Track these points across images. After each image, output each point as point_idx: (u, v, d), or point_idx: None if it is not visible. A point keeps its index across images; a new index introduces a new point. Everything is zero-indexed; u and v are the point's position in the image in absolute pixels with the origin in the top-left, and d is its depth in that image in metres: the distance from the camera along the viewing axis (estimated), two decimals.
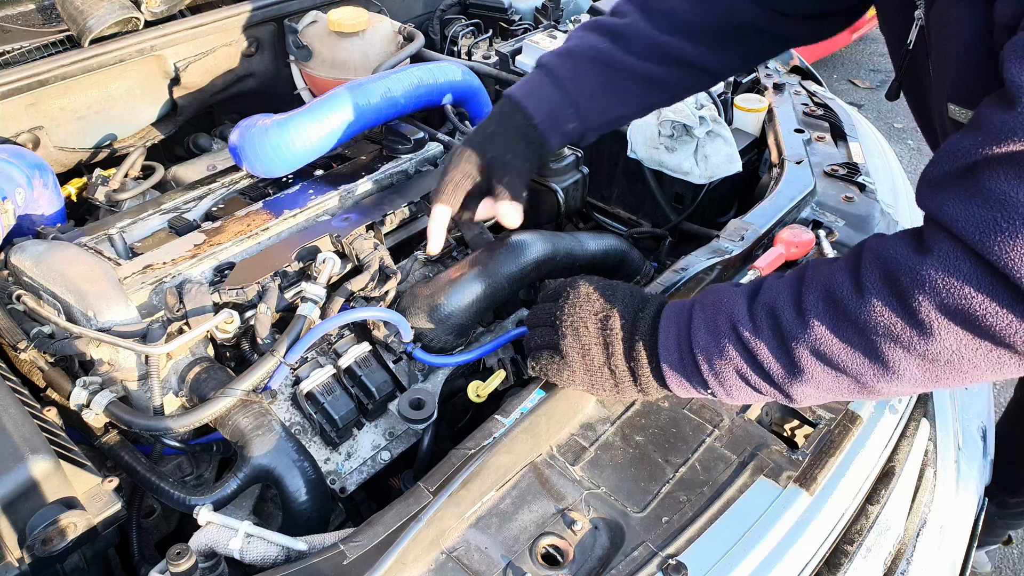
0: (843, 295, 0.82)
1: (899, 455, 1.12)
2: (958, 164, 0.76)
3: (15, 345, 1.08)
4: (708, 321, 0.93)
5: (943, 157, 0.78)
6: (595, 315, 0.99)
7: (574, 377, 1.01)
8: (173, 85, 1.79)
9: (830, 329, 0.83)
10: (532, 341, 1.05)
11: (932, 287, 0.75)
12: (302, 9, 1.91)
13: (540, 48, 1.91)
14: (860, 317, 0.80)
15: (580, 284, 1.03)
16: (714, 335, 0.92)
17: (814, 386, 0.87)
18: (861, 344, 0.82)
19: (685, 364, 0.94)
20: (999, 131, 0.71)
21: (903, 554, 1.07)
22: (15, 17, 1.69)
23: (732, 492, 0.95)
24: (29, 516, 0.83)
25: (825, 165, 1.54)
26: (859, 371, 0.83)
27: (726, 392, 0.94)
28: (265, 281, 1.20)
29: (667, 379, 0.96)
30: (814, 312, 0.84)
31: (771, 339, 0.88)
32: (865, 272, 0.81)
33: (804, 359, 0.85)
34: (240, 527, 0.89)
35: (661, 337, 0.96)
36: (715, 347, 0.91)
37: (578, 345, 0.99)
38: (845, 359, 0.83)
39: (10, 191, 1.26)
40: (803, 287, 0.87)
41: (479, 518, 0.91)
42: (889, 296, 0.78)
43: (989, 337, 0.74)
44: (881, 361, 0.81)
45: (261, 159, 1.36)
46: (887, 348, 0.80)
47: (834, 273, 0.85)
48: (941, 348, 0.77)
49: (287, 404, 1.15)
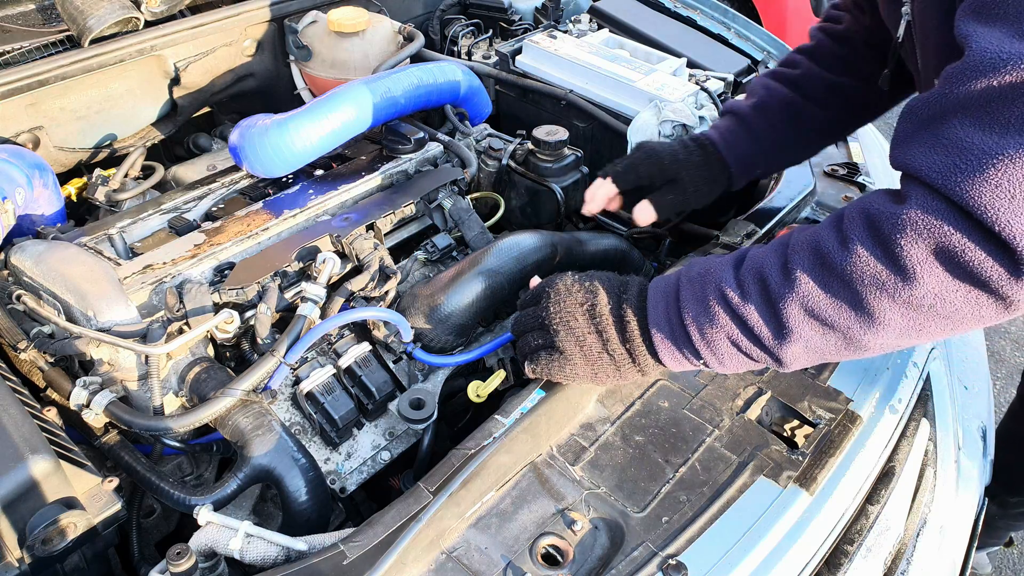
0: (828, 249, 0.86)
1: (899, 455, 1.12)
2: (921, 119, 0.81)
3: (15, 345, 1.08)
4: (696, 291, 0.95)
5: (907, 116, 0.84)
6: (581, 306, 1.01)
7: (576, 370, 1.01)
8: (173, 85, 1.79)
9: (817, 284, 0.86)
10: (526, 346, 1.06)
11: (912, 229, 0.78)
12: (302, 9, 1.91)
13: (540, 48, 1.92)
14: (845, 268, 0.83)
15: (558, 281, 1.05)
16: (703, 304, 0.94)
17: (803, 346, 0.89)
18: (847, 296, 0.84)
19: (676, 336, 0.96)
20: (951, 80, 0.78)
21: (903, 554, 1.07)
22: (15, 17, 1.69)
23: (732, 492, 0.95)
24: (29, 516, 0.83)
25: (825, 165, 1.55)
26: (846, 324, 0.85)
27: (718, 360, 0.95)
28: (265, 281, 1.20)
29: (660, 353, 0.98)
30: (800, 269, 0.87)
31: (759, 302, 0.90)
32: (848, 225, 0.85)
33: (792, 318, 0.87)
34: (240, 527, 0.89)
35: (651, 313, 0.98)
36: (705, 316, 0.94)
37: (573, 338, 1.01)
38: (832, 313, 0.85)
39: (10, 191, 1.26)
40: (789, 250, 0.90)
41: (479, 518, 0.91)
42: (872, 244, 0.82)
43: (967, 277, 0.77)
44: (866, 311, 0.83)
45: (261, 159, 1.36)
46: (872, 297, 0.82)
47: (818, 231, 0.89)
48: (924, 292, 0.79)
49: (287, 404, 1.15)
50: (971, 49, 0.77)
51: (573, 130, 1.73)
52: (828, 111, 1.33)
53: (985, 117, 0.75)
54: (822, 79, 1.32)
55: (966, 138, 0.75)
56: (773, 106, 1.32)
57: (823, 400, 1.09)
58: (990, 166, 0.73)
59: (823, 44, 1.35)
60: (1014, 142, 0.72)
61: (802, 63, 1.34)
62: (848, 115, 1.37)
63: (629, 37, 2.06)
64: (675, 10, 2.22)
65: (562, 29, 2.03)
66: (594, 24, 2.09)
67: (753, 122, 1.31)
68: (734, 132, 1.31)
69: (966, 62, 0.77)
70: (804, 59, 1.35)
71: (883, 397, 1.13)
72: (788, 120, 1.32)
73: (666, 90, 1.71)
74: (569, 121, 1.79)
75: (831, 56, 1.33)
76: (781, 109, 1.32)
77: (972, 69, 0.76)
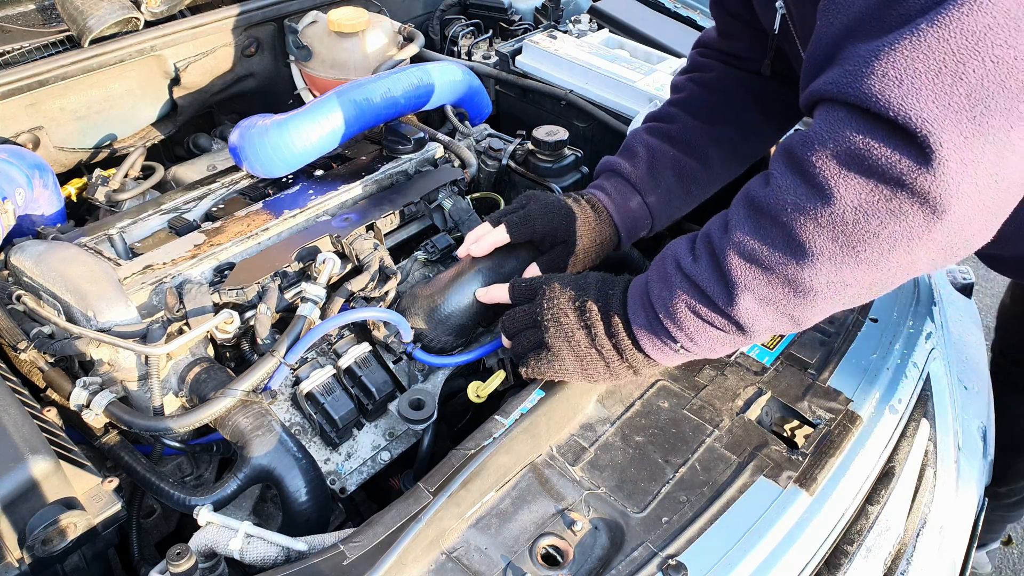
0: (755, 190, 0.88)
1: (899, 455, 1.12)
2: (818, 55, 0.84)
3: (15, 345, 1.08)
4: (659, 270, 0.98)
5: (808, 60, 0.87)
6: (572, 303, 1.03)
7: (565, 366, 1.02)
8: (173, 85, 1.79)
9: (749, 228, 0.87)
10: (519, 346, 1.07)
11: (819, 143, 0.79)
12: (302, 9, 1.91)
13: (540, 48, 1.91)
14: (769, 203, 0.85)
15: (554, 281, 1.07)
16: (664, 280, 0.96)
17: (752, 297, 0.88)
18: (776, 232, 0.84)
19: (650, 320, 0.98)
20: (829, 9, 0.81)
21: (903, 554, 1.07)
22: (15, 17, 1.69)
23: (732, 492, 0.95)
24: (29, 516, 0.83)
25: None
26: (782, 262, 0.85)
27: (687, 336, 0.95)
28: (265, 281, 1.20)
29: (641, 342, 0.99)
30: (735, 219, 0.89)
31: (707, 262, 0.92)
32: (772, 164, 0.87)
33: (733, 268, 0.88)
34: (240, 527, 0.89)
35: (629, 303, 1.00)
36: (666, 288, 0.95)
37: (562, 334, 1.02)
38: (767, 254, 0.85)
39: (10, 191, 1.26)
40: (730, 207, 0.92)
41: (479, 518, 0.91)
42: (789, 171, 0.83)
43: (880, 179, 0.76)
44: (797, 243, 0.83)
45: (261, 159, 1.36)
46: (797, 226, 0.82)
47: (751, 181, 0.91)
48: (843, 207, 0.78)
49: (287, 404, 1.15)
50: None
51: (573, 130, 1.73)
52: (711, 164, 1.32)
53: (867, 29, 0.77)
54: (701, 132, 1.31)
55: (854, 51, 0.77)
56: (657, 166, 1.29)
57: (823, 400, 1.09)
58: (874, 60, 0.74)
59: (695, 95, 1.34)
60: (893, 36, 0.73)
61: (678, 117, 1.32)
62: (730, 164, 1.37)
63: (629, 37, 2.06)
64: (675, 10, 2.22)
65: (562, 29, 2.03)
66: (594, 24, 2.09)
67: (639, 184, 1.29)
68: (623, 195, 1.28)
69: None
70: (680, 112, 1.33)
71: (883, 397, 1.13)
72: (673, 178, 1.30)
73: (666, 90, 1.71)
74: (569, 121, 1.79)
75: (706, 107, 1.32)
76: (665, 168, 1.30)
77: None
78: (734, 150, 1.35)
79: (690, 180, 1.32)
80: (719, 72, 1.34)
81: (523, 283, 1.11)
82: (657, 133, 1.32)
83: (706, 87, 1.34)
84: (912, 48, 0.72)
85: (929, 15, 0.71)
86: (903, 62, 0.72)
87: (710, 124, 1.31)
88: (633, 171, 1.29)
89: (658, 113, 1.37)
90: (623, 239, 1.29)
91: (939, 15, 0.70)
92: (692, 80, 1.36)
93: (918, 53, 0.71)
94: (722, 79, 1.34)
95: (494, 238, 1.22)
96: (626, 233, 1.28)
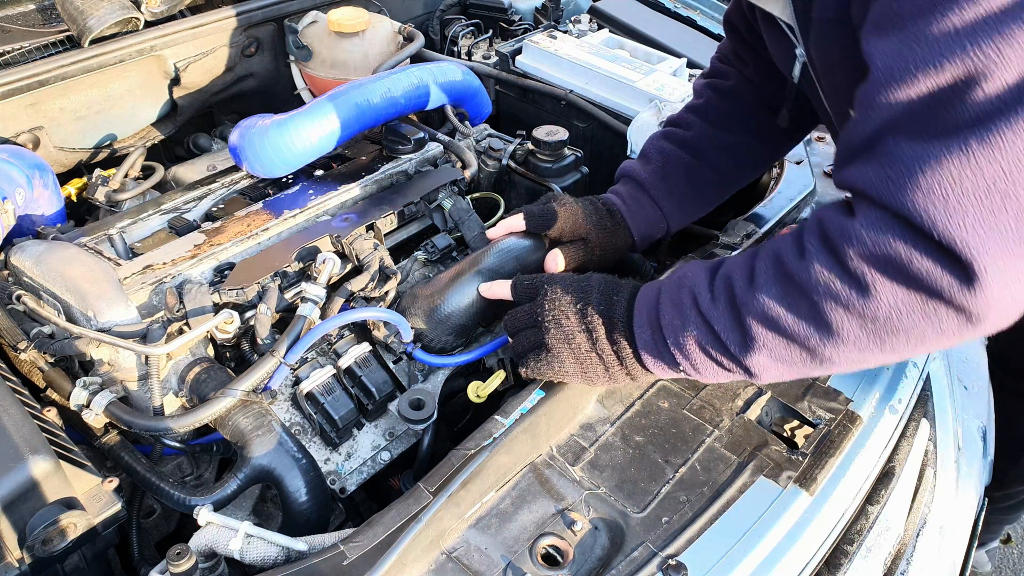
0: (788, 259, 0.86)
1: (899, 455, 1.12)
2: (854, 144, 0.82)
3: (15, 345, 1.08)
4: (673, 296, 0.96)
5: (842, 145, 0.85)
6: (574, 305, 1.02)
7: (564, 368, 1.02)
8: (173, 85, 1.79)
9: (777, 293, 0.86)
10: (519, 345, 1.07)
11: (860, 241, 0.78)
12: (302, 9, 1.91)
13: (540, 48, 1.92)
14: (802, 278, 0.84)
15: (556, 280, 1.06)
16: (678, 309, 0.95)
17: (767, 355, 0.89)
18: (805, 307, 0.84)
19: (656, 341, 0.97)
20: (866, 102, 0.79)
21: (903, 554, 1.07)
22: (15, 17, 1.69)
23: (732, 492, 0.95)
24: (29, 516, 0.83)
25: (825, 165, 1.55)
26: (805, 335, 0.85)
27: (693, 367, 0.95)
28: (265, 281, 1.20)
29: (644, 359, 0.99)
30: (763, 277, 0.88)
31: (726, 308, 0.91)
32: (807, 236, 0.86)
33: (755, 326, 0.88)
34: (240, 527, 0.89)
35: (635, 317, 0.99)
36: (679, 321, 0.94)
37: (562, 336, 1.02)
38: (791, 324, 0.85)
39: (10, 191, 1.26)
40: (756, 258, 0.91)
41: (479, 518, 0.91)
42: (827, 255, 0.82)
43: (920, 288, 0.76)
44: (824, 323, 0.83)
45: (261, 159, 1.36)
46: (829, 308, 0.82)
47: (781, 240, 0.90)
48: (878, 304, 0.78)
49: (287, 404, 1.15)
50: (875, 67, 0.77)
51: (573, 130, 1.73)
52: (724, 171, 1.33)
53: (910, 127, 0.75)
54: (715, 139, 1.32)
55: (896, 149, 0.75)
56: (671, 171, 1.31)
57: (823, 400, 1.09)
58: (919, 172, 0.72)
59: (712, 102, 1.35)
60: (938, 146, 0.71)
61: (694, 123, 1.33)
62: (744, 171, 1.38)
63: (629, 37, 2.06)
64: (675, 10, 2.22)
65: (562, 29, 2.03)
66: (594, 24, 2.09)
67: (653, 190, 1.30)
68: (637, 200, 1.30)
69: (873, 80, 0.77)
70: (696, 119, 1.34)
71: (883, 397, 1.13)
72: (687, 184, 1.31)
73: (666, 90, 1.71)
74: (569, 121, 1.79)
75: (722, 114, 1.33)
76: (678, 174, 1.31)
77: (882, 85, 0.76)
78: (748, 158, 1.35)
79: (704, 186, 1.33)
80: (736, 80, 1.34)
81: (525, 281, 1.10)
82: (672, 139, 1.33)
83: (723, 94, 1.34)
84: (960, 165, 0.70)
85: (978, 131, 0.69)
86: (950, 179, 0.70)
87: (725, 131, 1.32)
88: (648, 177, 1.31)
89: (676, 118, 1.38)
90: (637, 243, 1.30)
91: (990, 132, 0.68)
92: (710, 86, 1.37)
93: (967, 171, 0.70)
94: (738, 87, 1.34)
95: (510, 223, 1.26)
96: (640, 238, 1.30)
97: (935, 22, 0.71)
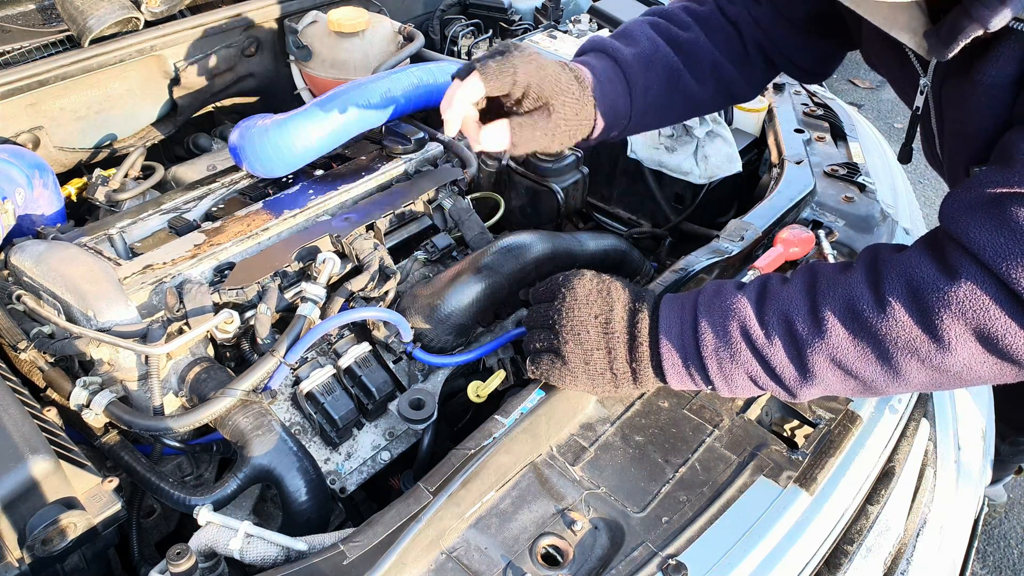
0: (863, 306, 0.86)
1: (899, 455, 1.12)
2: (986, 194, 0.82)
3: (15, 345, 1.08)
4: (716, 325, 0.95)
5: (973, 184, 0.84)
6: (595, 318, 1.00)
7: (576, 382, 1.01)
8: (173, 85, 1.79)
9: (848, 337, 0.87)
10: (532, 344, 1.05)
11: (959, 307, 0.80)
12: (302, 9, 1.91)
13: (540, 48, 1.91)
14: (880, 328, 0.85)
15: (576, 284, 1.02)
16: (725, 340, 0.95)
17: (821, 387, 0.93)
18: (877, 353, 0.86)
19: (689, 364, 0.97)
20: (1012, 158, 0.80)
21: (903, 554, 1.07)
22: (15, 17, 1.69)
23: (732, 492, 0.95)
24: (29, 516, 0.83)
25: (825, 165, 1.54)
26: (871, 376, 0.88)
27: (729, 389, 0.97)
28: (265, 281, 1.20)
29: (667, 374, 0.99)
30: (832, 320, 0.88)
31: (786, 345, 0.91)
32: (888, 287, 0.86)
33: (818, 365, 0.90)
34: (240, 527, 0.89)
35: (664, 334, 0.98)
36: (727, 351, 0.94)
37: (580, 351, 1.00)
38: (859, 366, 0.88)
39: (10, 191, 1.26)
40: (817, 297, 0.91)
41: (479, 518, 0.91)
42: (913, 310, 0.83)
43: (1001, 355, 0.80)
44: (894, 369, 0.86)
45: (261, 159, 1.36)
46: (902, 358, 0.85)
47: (853, 286, 0.89)
48: (954, 361, 0.82)
49: (287, 404, 1.15)
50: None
51: None
52: (704, 87, 1.23)
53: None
54: (708, 53, 1.22)
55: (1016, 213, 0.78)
56: (655, 65, 1.17)
57: (823, 400, 1.09)
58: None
59: (715, 18, 1.24)
60: None
61: (692, 27, 1.22)
62: (719, 98, 1.30)
63: None
64: None
65: (562, 29, 2.03)
66: (594, 24, 2.09)
67: (632, 76, 1.15)
68: (611, 80, 1.13)
69: None
70: (695, 24, 1.22)
71: (883, 397, 1.12)
72: (666, 85, 1.19)
73: None
74: None
75: (721, 33, 1.23)
76: (662, 70, 1.18)
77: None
78: (727, 86, 1.28)
79: (680, 96, 1.22)
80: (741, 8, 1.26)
81: (542, 287, 1.08)
82: (664, 32, 1.21)
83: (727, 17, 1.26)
84: None
85: None
86: None
87: (719, 50, 1.23)
88: (630, 59, 1.16)
89: (669, 12, 1.25)
90: (597, 127, 1.14)
91: None
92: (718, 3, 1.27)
93: None
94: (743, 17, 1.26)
95: (467, 93, 1.01)
96: (603, 121, 1.14)
97: None
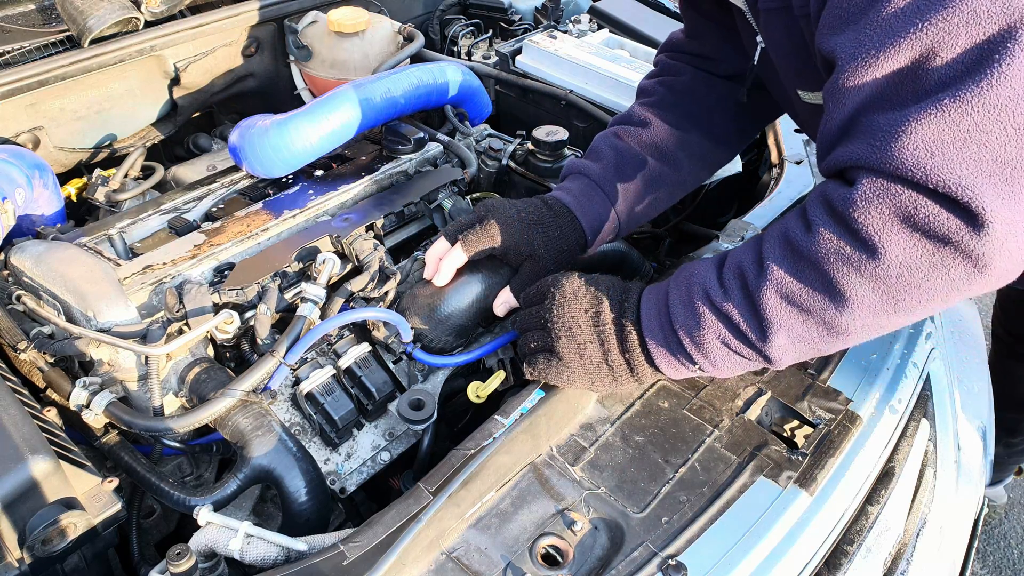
0: (795, 235, 0.88)
1: (899, 455, 1.12)
2: (832, 132, 0.86)
3: (15, 345, 1.08)
4: (682, 295, 0.97)
5: (822, 136, 0.89)
6: (585, 312, 1.02)
7: (573, 378, 1.02)
8: (173, 85, 1.79)
9: (788, 271, 0.88)
10: (526, 346, 1.06)
11: (864, 201, 0.81)
12: (302, 9, 1.91)
13: (540, 48, 1.91)
14: (812, 250, 0.86)
15: (564, 282, 1.04)
16: (689, 307, 0.96)
17: (785, 336, 0.90)
18: (817, 278, 0.86)
19: (669, 342, 0.97)
20: (837, 93, 0.84)
21: (903, 554, 1.07)
22: (15, 17, 1.69)
23: (732, 492, 0.95)
24: (29, 516, 0.83)
25: None
26: (821, 307, 0.87)
27: (711, 362, 0.97)
28: (265, 281, 1.20)
29: (658, 362, 0.99)
30: (772, 259, 0.89)
31: (740, 297, 0.92)
32: (811, 210, 0.88)
33: (770, 308, 0.89)
34: (240, 527, 0.89)
35: (644, 322, 0.99)
36: (692, 318, 0.95)
37: (573, 345, 1.01)
38: (806, 297, 0.87)
39: (10, 191, 1.26)
40: (763, 242, 0.93)
41: (479, 518, 0.91)
42: (833, 223, 0.84)
43: (928, 236, 0.79)
44: (838, 291, 0.85)
45: (261, 159, 1.36)
46: (840, 275, 0.84)
47: (787, 220, 0.92)
48: (889, 262, 0.81)
49: (287, 404, 1.15)
50: (839, 59, 0.83)
51: (573, 130, 1.73)
52: (680, 170, 1.30)
53: (880, 102, 0.80)
54: (671, 136, 1.28)
55: (873, 123, 0.80)
56: (626, 169, 1.26)
57: (823, 400, 1.09)
58: (903, 134, 0.77)
59: (667, 99, 1.31)
60: (914, 110, 0.76)
61: (649, 121, 1.29)
62: (699, 170, 1.35)
63: (629, 37, 2.06)
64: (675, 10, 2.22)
65: (562, 29, 2.04)
66: (594, 24, 2.10)
67: (606, 186, 1.24)
68: (589, 197, 1.23)
69: (838, 71, 0.83)
70: (651, 116, 1.30)
71: (883, 397, 1.12)
72: (642, 183, 1.27)
73: None
74: (569, 121, 1.79)
75: (678, 112, 1.30)
76: (632, 171, 1.26)
77: (847, 74, 0.82)
78: (702, 156, 1.33)
79: (658, 184, 1.29)
80: (690, 76, 1.33)
81: (532, 291, 1.09)
82: (626, 136, 1.29)
83: (676, 91, 1.32)
84: (939, 122, 0.75)
85: (950, 91, 0.75)
86: (931, 135, 0.75)
87: (680, 129, 1.29)
88: (601, 173, 1.25)
89: (626, 116, 1.33)
90: (589, 242, 1.24)
91: (960, 91, 0.74)
92: (662, 84, 1.34)
93: (943, 125, 0.75)
94: (693, 83, 1.32)
95: (453, 261, 1.17)
96: (592, 236, 1.23)
97: (883, 9, 0.78)
